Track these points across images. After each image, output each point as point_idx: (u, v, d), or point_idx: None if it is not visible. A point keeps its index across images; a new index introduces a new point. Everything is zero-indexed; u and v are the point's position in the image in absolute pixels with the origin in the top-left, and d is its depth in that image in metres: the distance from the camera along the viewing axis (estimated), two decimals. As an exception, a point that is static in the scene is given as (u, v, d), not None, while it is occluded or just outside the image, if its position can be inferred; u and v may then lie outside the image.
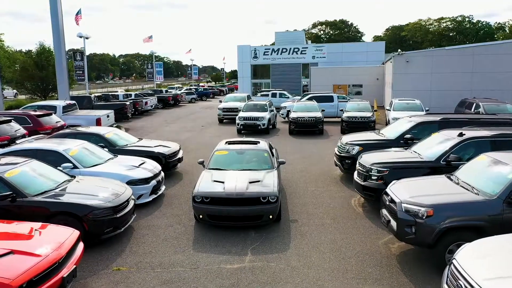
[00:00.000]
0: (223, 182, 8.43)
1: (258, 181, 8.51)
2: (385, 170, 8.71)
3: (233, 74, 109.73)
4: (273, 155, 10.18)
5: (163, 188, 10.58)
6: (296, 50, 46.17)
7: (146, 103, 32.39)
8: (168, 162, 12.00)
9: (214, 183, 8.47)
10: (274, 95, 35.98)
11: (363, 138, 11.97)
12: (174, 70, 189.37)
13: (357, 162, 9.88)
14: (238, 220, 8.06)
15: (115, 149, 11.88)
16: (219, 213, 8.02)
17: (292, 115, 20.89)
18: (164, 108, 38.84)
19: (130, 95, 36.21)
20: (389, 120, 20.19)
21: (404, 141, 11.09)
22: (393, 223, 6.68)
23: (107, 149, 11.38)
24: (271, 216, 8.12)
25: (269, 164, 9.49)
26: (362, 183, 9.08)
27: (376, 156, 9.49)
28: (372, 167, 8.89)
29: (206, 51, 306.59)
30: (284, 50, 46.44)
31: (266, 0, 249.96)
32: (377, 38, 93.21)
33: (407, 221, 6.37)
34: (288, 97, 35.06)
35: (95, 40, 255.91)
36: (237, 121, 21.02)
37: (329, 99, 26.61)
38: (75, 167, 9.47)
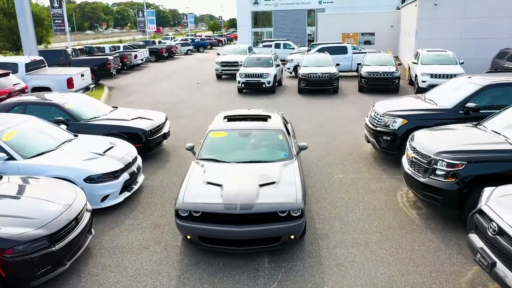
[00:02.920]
0: (220, 186, 5.66)
1: (273, 182, 5.73)
2: (460, 164, 5.89)
3: (232, 23, 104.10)
4: (289, 134, 7.34)
5: (140, 179, 7.83)
6: (301, -6, 41.86)
7: (135, 56, 28.99)
8: (150, 140, 9.17)
9: (208, 187, 5.70)
10: (277, 45, 32.49)
11: (405, 106, 9.04)
12: (170, 19, 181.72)
13: (409, 144, 7.05)
14: (245, 245, 5.38)
15: (79, 125, 9.03)
16: (216, 235, 5.33)
17: (302, 70, 17.77)
18: (157, 61, 35.42)
19: (118, 47, 32.63)
20: (415, 76, 17.11)
21: (465, 111, 8.20)
22: (509, 275, 3.97)
23: (66, 126, 8.52)
24: (292, 237, 5.44)
25: (286, 151, 6.67)
26: (422, 180, 6.30)
27: (442, 139, 6.62)
28: (438, 158, 6.07)
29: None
30: (287, -6, 42.14)
31: None
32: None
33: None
34: (293, 48, 31.58)
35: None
36: (237, 79, 17.94)
37: (342, 50, 23.31)
38: (10, 158, 6.67)
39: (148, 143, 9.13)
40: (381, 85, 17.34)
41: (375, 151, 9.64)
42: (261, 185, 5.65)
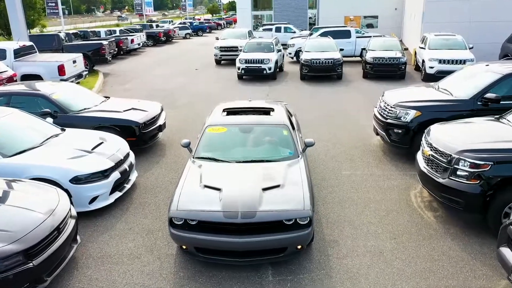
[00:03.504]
0: (219, 190, 5.09)
1: (277, 185, 5.16)
2: (485, 164, 5.31)
3: (232, 6, 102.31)
4: (294, 128, 6.75)
5: (133, 177, 7.26)
6: (302, -26, 40.63)
7: (132, 40, 28.11)
8: (144, 134, 8.57)
9: (205, 192, 5.12)
10: (278, 29, 31.60)
11: (418, 96, 8.41)
12: (169, 1, 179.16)
13: (425, 140, 6.46)
14: (247, 256, 4.83)
15: (68, 117, 8.42)
16: (214, 246, 4.78)
17: (305, 56, 17.04)
18: (154, 45, 34.52)
19: (114, 31, 31.71)
20: (422, 62, 16.41)
21: (483, 102, 7.58)
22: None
23: (53, 119, 7.92)
24: (299, 247, 4.89)
25: (292, 149, 6.07)
26: (441, 181, 5.73)
27: (463, 135, 6.00)
28: (460, 157, 5.48)
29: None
30: (288, -25, 40.90)
31: None
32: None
33: None
34: (295, 32, 30.68)
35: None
36: (237, 65, 17.22)
37: (345, 34, 22.49)
38: (-11, 157, 6.09)
39: (142, 137, 8.53)
40: (387, 71, 16.66)
41: (384, 144, 9.05)
42: (264, 189, 5.08)
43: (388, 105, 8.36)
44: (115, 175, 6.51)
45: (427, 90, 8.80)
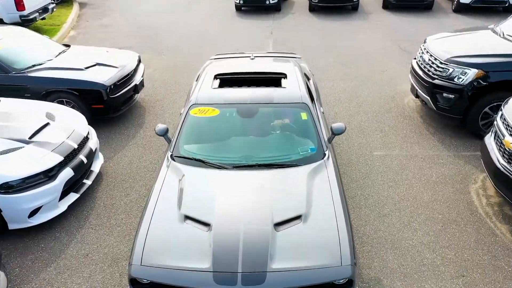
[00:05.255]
0: (207, 226, 3.29)
1: (298, 217, 3.35)
2: None
3: None
4: (313, 100, 4.80)
5: (96, 166, 5.42)
6: None
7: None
8: (114, 99, 6.57)
9: (186, 229, 3.30)
10: None
11: (478, 47, 6.25)
12: None
13: (502, 122, 4.53)
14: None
15: (10, 78, 6.37)
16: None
17: (315, -18, 14.28)
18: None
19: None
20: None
21: None
22: None
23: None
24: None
25: (314, 142, 4.16)
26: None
27: None
28: None
29: None
30: None
31: None
32: None
33: None
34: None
35: None
36: (235, -7, 14.53)
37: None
38: None
39: (112, 103, 6.55)
40: (412, 0, 14.05)
41: (421, 106, 7.11)
42: (277, 224, 3.27)
43: (436, 59, 6.26)
44: (66, 173, 4.67)
45: (487, 37, 6.61)
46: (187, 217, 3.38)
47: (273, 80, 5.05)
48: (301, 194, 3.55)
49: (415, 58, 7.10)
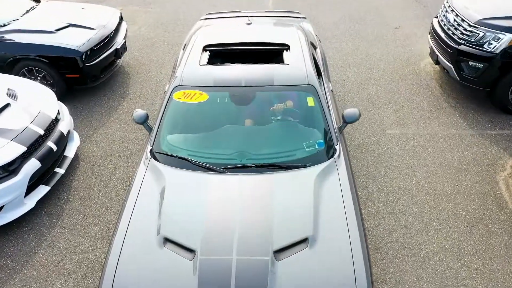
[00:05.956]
0: (192, 253, 2.66)
1: (303, 240, 2.71)
2: None
3: None
4: (320, 76, 4.04)
5: (71, 150, 4.73)
6: None
7: None
8: (91, 66, 5.75)
9: (165, 255, 2.67)
10: None
11: (512, 7, 5.37)
12: None
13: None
14: None
15: (-30, 43, 5.52)
16: None
17: None
18: None
19: None
20: None
21: None
22: None
23: None
24: None
25: (321, 135, 3.46)
26: None
27: None
28: None
29: None
30: None
31: None
32: None
33: None
34: None
35: None
36: None
37: None
38: None
39: (89, 71, 5.74)
40: None
41: (440, 72, 6.31)
42: (277, 252, 2.65)
43: (464, 20, 5.38)
44: (31, 165, 4.00)
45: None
46: (167, 240, 2.76)
47: (274, 52, 4.24)
48: (307, 208, 2.90)
49: (436, 17, 6.19)
